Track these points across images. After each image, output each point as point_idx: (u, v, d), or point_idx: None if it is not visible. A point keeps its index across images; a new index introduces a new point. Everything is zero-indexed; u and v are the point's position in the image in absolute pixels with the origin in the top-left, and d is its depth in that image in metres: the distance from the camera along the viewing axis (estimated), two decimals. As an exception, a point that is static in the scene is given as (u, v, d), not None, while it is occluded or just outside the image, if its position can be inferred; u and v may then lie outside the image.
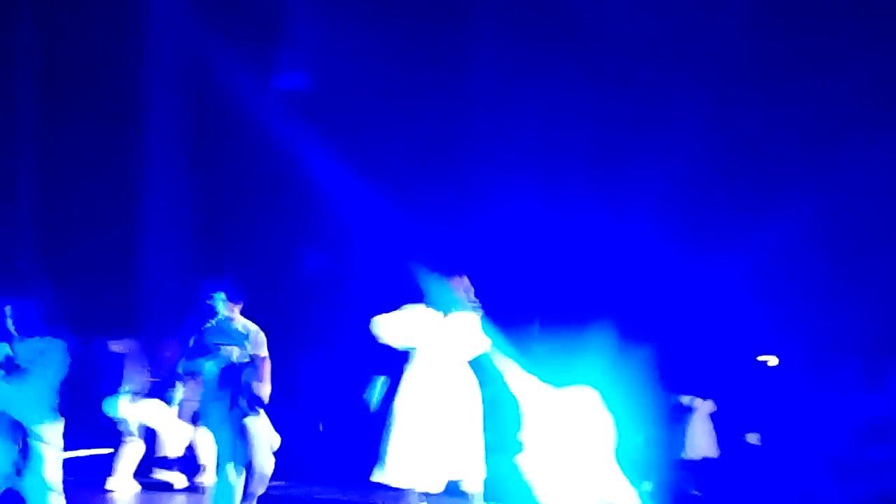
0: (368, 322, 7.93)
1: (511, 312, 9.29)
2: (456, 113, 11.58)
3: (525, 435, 8.13)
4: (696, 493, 9.30)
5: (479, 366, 8.74)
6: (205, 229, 11.72)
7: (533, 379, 8.27)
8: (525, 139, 11.39)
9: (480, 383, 9.69)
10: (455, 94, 11.61)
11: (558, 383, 8.26)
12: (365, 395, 8.18)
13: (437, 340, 7.81)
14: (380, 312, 7.91)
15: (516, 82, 11.42)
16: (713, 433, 9.58)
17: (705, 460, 9.44)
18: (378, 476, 7.69)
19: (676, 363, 9.60)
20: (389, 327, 7.84)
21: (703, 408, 9.60)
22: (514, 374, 8.39)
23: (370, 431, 8.04)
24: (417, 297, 7.92)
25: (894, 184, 10.35)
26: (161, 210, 12.00)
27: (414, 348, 7.88)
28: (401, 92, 11.33)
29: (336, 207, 11.20)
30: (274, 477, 7.65)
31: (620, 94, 11.01)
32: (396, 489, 7.74)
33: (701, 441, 9.45)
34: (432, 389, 7.73)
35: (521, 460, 7.98)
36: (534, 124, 11.42)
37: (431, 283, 7.92)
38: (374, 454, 7.78)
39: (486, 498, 8.04)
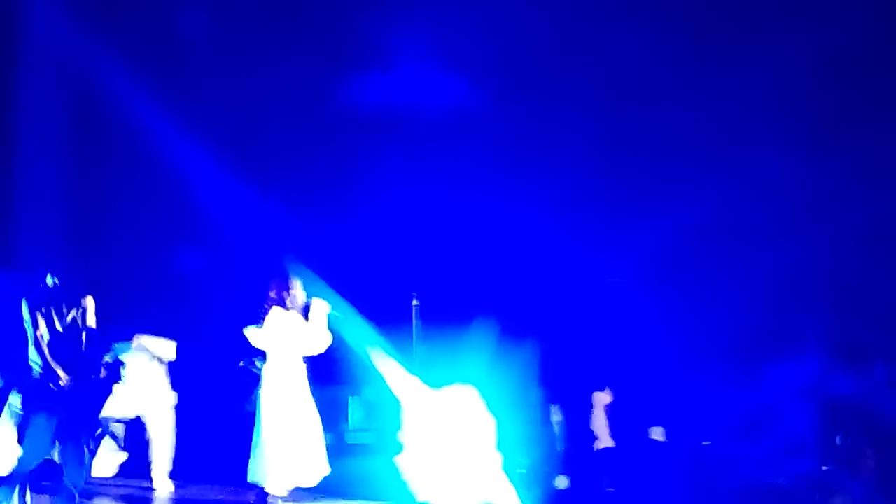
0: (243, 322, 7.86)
1: (391, 311, 9.21)
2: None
3: (405, 435, 8.05)
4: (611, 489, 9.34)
5: (360, 365, 8.70)
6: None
7: (413, 379, 8.23)
8: (403, 130, 11.35)
9: (361, 383, 9.67)
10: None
11: (439, 383, 8.23)
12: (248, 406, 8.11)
13: (284, 340, 7.81)
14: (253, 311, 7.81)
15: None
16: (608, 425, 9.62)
17: (607, 450, 9.50)
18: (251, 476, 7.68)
19: (559, 359, 9.65)
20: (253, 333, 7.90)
21: (600, 400, 9.62)
22: (394, 375, 8.35)
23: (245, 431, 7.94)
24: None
25: (771, 186, 10.55)
26: (36, 214, 11.57)
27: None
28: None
29: (210, 205, 10.97)
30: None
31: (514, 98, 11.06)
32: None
33: (602, 433, 9.53)
34: (278, 390, 7.75)
35: (401, 460, 7.89)
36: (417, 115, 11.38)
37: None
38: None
39: (358, 496, 7.99)
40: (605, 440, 9.58)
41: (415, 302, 9.34)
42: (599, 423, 9.56)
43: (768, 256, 10.53)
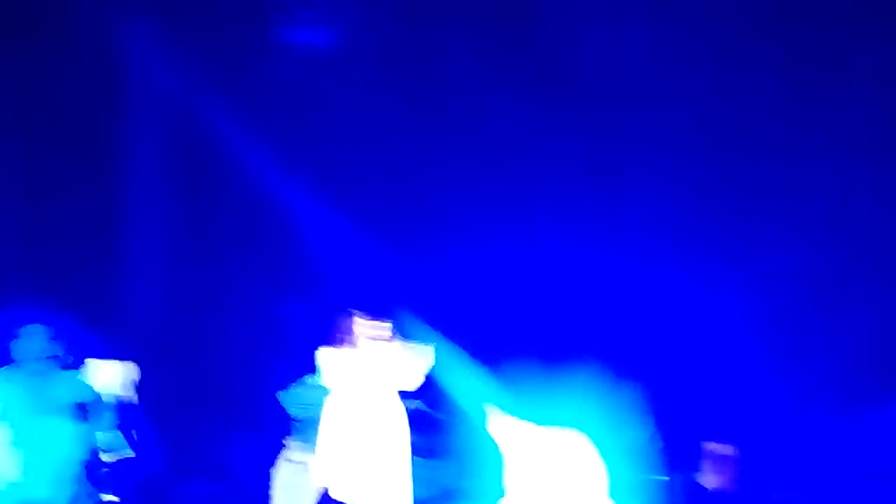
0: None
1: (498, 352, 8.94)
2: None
3: (508, 481, 7.56)
4: None
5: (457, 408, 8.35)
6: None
7: (514, 420, 7.80)
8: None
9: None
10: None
11: (547, 426, 7.79)
12: None
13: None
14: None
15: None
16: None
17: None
18: None
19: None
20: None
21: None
22: (495, 417, 7.96)
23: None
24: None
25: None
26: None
27: None
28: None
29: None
30: None
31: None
32: None
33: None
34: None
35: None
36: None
37: None
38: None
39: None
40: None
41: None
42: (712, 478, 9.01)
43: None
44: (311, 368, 8.57)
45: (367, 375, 7.58)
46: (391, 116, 10.99)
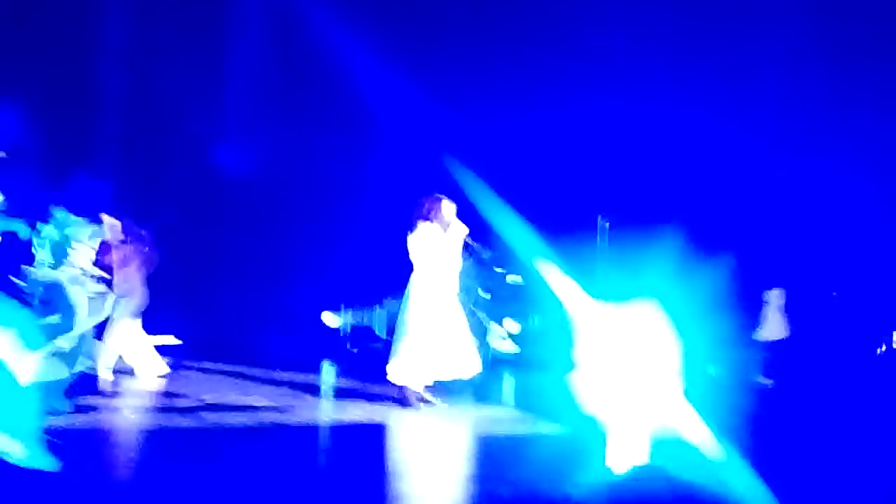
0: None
1: (576, 225, 8.85)
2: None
3: (579, 353, 7.44)
4: (766, 381, 9.36)
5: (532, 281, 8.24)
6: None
7: (587, 296, 7.66)
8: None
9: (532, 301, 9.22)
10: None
11: (619, 296, 7.63)
12: None
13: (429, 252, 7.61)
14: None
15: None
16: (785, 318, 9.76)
17: (775, 343, 9.64)
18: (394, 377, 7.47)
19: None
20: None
21: (775, 298, 9.75)
22: (571, 291, 7.82)
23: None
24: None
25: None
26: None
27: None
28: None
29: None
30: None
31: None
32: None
33: (773, 325, 9.74)
34: (424, 297, 7.57)
35: (574, 378, 7.27)
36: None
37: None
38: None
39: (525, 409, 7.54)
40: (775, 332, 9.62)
41: (601, 221, 8.97)
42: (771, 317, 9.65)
43: None
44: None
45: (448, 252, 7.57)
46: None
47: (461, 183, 8.21)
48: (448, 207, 7.60)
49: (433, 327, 7.37)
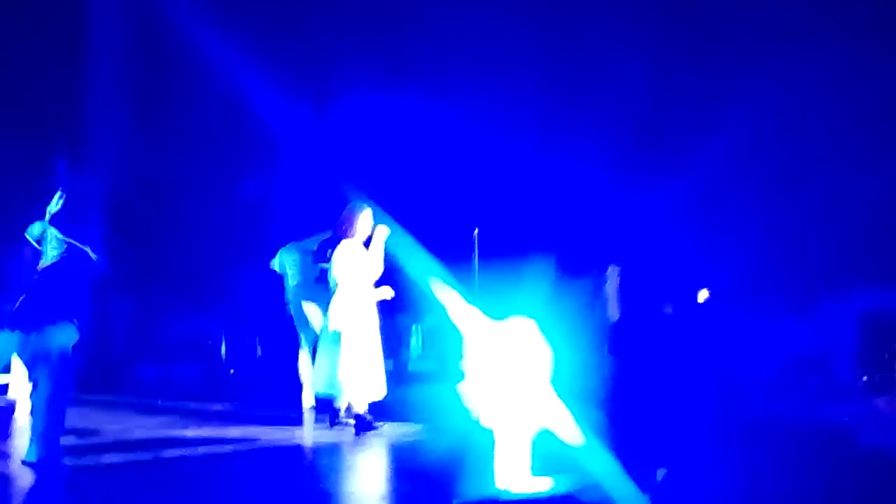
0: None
1: (452, 242, 9.38)
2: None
3: (466, 363, 8.24)
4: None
5: (421, 295, 8.89)
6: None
7: (474, 310, 8.40)
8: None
9: (423, 312, 9.85)
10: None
11: (499, 314, 8.40)
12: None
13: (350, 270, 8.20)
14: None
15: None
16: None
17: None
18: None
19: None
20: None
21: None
22: (456, 305, 8.52)
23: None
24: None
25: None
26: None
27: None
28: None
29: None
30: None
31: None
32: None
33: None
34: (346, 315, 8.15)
35: (463, 388, 8.11)
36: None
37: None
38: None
39: (419, 421, 8.25)
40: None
41: (476, 233, 9.48)
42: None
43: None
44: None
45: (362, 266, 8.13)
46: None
47: (337, 190, 8.77)
48: (365, 217, 8.12)
49: (367, 346, 7.99)
